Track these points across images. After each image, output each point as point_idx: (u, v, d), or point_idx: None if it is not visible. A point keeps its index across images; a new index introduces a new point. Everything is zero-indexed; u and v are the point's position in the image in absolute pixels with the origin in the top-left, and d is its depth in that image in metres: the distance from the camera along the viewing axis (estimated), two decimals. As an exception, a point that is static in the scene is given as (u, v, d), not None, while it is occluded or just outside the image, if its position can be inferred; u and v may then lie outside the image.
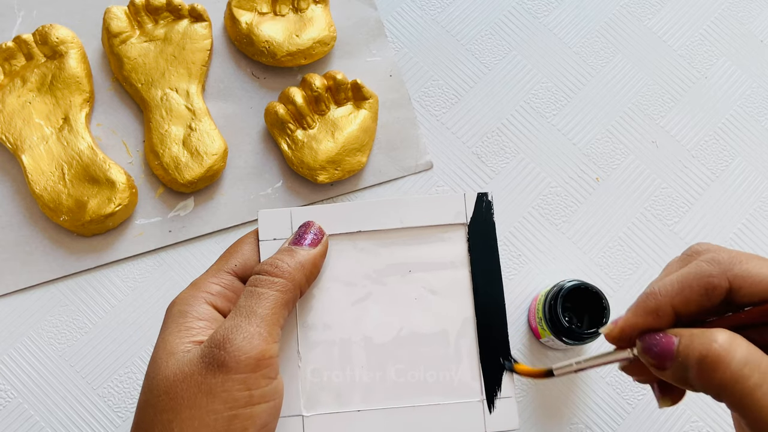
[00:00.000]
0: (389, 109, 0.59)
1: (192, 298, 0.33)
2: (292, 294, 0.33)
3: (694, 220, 0.58)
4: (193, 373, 0.30)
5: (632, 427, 0.54)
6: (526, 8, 0.63)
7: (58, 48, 0.57)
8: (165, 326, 0.33)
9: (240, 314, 0.32)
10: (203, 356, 0.31)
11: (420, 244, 0.36)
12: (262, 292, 0.32)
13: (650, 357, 0.29)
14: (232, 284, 0.35)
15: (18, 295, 0.54)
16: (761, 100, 0.61)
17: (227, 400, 0.30)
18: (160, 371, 0.31)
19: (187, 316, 0.33)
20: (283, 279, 0.33)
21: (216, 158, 0.55)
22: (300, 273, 0.34)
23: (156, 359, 0.32)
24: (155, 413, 0.31)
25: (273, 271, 0.33)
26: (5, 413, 0.52)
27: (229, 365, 0.30)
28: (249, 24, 0.58)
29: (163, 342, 0.32)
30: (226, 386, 0.30)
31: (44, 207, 0.54)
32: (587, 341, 0.50)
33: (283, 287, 0.33)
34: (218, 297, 0.34)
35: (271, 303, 0.32)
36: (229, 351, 0.30)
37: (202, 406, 0.30)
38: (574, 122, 0.60)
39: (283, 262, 0.33)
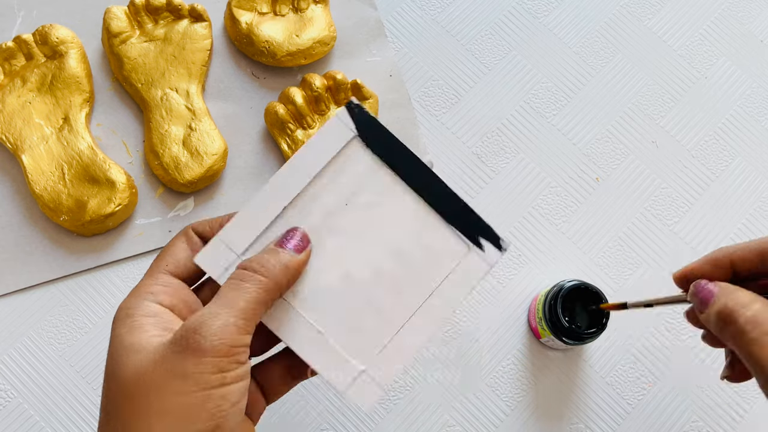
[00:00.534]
0: (389, 109, 0.59)
1: (134, 300, 0.34)
2: (273, 294, 0.34)
3: (694, 220, 0.58)
4: (163, 359, 0.31)
5: (632, 427, 0.54)
6: (526, 8, 0.63)
7: (58, 48, 0.57)
8: (115, 329, 0.33)
9: (220, 303, 0.32)
10: (174, 342, 0.31)
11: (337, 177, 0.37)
12: (246, 286, 0.33)
13: (695, 300, 0.36)
14: (170, 281, 0.35)
15: (18, 295, 0.54)
16: (761, 100, 0.61)
17: (200, 381, 0.30)
18: (125, 364, 0.31)
19: (134, 316, 0.33)
20: (268, 279, 0.33)
21: (216, 158, 0.55)
22: (284, 276, 0.34)
23: (115, 356, 0.32)
24: (123, 401, 0.31)
25: (259, 269, 0.34)
26: (5, 413, 0.52)
27: (203, 348, 0.31)
28: (249, 24, 0.58)
29: (118, 341, 0.33)
30: (200, 368, 0.30)
31: (44, 207, 0.54)
32: (587, 341, 0.50)
33: (266, 286, 0.33)
34: (160, 295, 0.34)
35: (253, 298, 0.33)
36: (204, 335, 0.31)
37: (175, 388, 0.30)
38: (574, 122, 0.60)
39: (269, 262, 0.34)
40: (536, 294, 0.55)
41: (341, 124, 0.38)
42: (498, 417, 0.53)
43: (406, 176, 0.38)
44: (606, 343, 0.55)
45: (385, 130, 0.38)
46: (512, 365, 0.55)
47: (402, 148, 0.38)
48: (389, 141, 0.38)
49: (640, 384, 0.54)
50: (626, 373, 0.55)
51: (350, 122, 0.38)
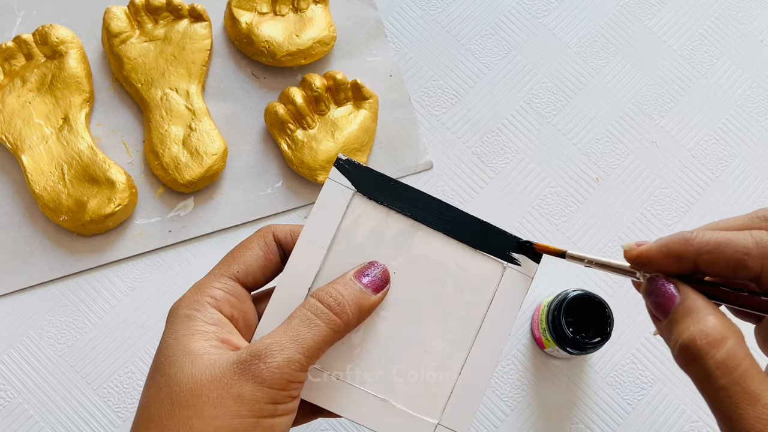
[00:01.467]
0: (389, 109, 0.59)
1: (197, 303, 0.34)
2: (342, 336, 0.34)
3: (694, 220, 0.58)
4: (223, 375, 0.31)
5: (632, 427, 0.54)
6: (526, 8, 0.63)
7: (58, 48, 0.57)
8: (173, 328, 0.33)
9: (289, 336, 0.32)
10: (238, 362, 0.31)
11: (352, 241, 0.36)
12: (317, 323, 0.33)
13: (650, 302, 0.30)
14: (235, 290, 0.35)
15: (18, 295, 0.54)
16: (761, 100, 0.61)
17: (254, 409, 0.31)
18: (184, 370, 0.32)
19: (196, 320, 0.33)
20: (341, 321, 0.33)
21: (216, 158, 0.55)
22: (357, 318, 0.34)
23: (172, 358, 0.32)
24: (174, 407, 0.31)
25: (335, 308, 0.33)
26: (5, 413, 0.52)
27: (263, 377, 0.31)
28: (249, 24, 0.58)
29: (178, 343, 0.33)
30: (256, 396, 0.31)
31: (44, 207, 0.54)
32: (591, 351, 0.50)
33: (338, 328, 0.33)
34: (222, 302, 0.34)
35: (323, 338, 0.33)
36: (268, 365, 0.31)
37: (227, 408, 0.31)
38: (574, 122, 0.60)
39: (345, 300, 0.34)
40: (539, 303, 0.55)
41: (337, 185, 0.36)
42: (498, 417, 0.53)
43: (416, 215, 0.37)
44: (606, 343, 0.55)
45: (381, 175, 0.37)
46: (512, 365, 0.55)
47: (404, 188, 0.36)
48: (388, 185, 0.37)
49: (640, 384, 0.54)
50: (626, 374, 0.55)
51: (344, 180, 0.37)
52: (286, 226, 0.37)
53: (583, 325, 0.50)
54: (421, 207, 0.37)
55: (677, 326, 0.29)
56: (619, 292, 0.56)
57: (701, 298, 0.29)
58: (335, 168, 0.36)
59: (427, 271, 0.36)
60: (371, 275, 0.35)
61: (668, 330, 0.29)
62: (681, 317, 0.29)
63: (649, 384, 0.55)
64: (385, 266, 0.36)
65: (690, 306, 0.29)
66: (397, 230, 0.37)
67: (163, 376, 0.32)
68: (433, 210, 0.37)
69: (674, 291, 0.29)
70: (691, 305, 0.29)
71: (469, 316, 0.36)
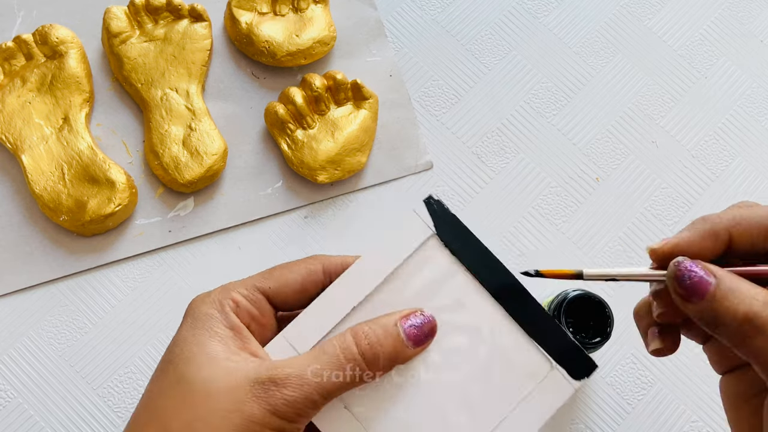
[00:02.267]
0: (389, 109, 0.59)
1: (219, 303, 0.33)
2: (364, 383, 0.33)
3: (694, 220, 0.58)
4: (238, 389, 0.31)
5: (632, 427, 0.54)
6: (526, 8, 0.63)
7: (58, 48, 0.57)
8: (193, 323, 0.33)
9: (312, 371, 0.31)
10: (257, 382, 0.31)
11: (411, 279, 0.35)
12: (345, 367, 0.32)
13: (679, 285, 0.28)
14: (260, 303, 0.34)
15: (18, 295, 0.54)
16: (761, 100, 0.61)
17: None
18: (199, 370, 0.31)
19: (215, 320, 0.33)
20: (370, 371, 0.32)
21: (216, 158, 0.55)
22: (386, 369, 0.33)
23: (189, 355, 0.32)
24: (182, 407, 0.31)
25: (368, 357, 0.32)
26: (5, 413, 0.52)
27: (278, 408, 0.30)
28: (249, 24, 0.58)
29: (196, 340, 0.32)
30: (265, 422, 0.30)
31: (44, 207, 0.54)
32: (591, 351, 0.50)
33: (364, 376, 0.32)
34: (242, 311, 0.34)
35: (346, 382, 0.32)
36: (285, 396, 0.30)
37: (234, 424, 0.30)
38: (574, 122, 0.60)
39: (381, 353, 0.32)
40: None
41: (419, 221, 0.35)
42: (498, 417, 0.53)
43: (485, 281, 0.35)
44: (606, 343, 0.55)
45: (466, 228, 0.35)
46: (512, 365, 0.55)
47: (483, 249, 0.35)
48: (469, 241, 0.35)
49: (640, 384, 0.54)
50: (626, 373, 0.55)
51: (428, 219, 0.35)
52: (338, 258, 0.36)
53: (583, 325, 0.50)
54: (491, 272, 0.35)
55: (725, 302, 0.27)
56: (619, 292, 0.56)
57: (733, 273, 0.29)
58: (423, 204, 0.35)
59: (473, 342, 0.34)
60: (417, 326, 0.33)
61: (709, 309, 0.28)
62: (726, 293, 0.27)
63: (649, 384, 0.55)
64: (434, 320, 0.34)
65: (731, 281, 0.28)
66: (459, 289, 0.35)
67: (176, 371, 0.31)
68: (501, 280, 0.35)
69: (705, 272, 0.28)
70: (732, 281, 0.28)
71: (499, 399, 0.34)
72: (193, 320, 0.33)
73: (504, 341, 0.34)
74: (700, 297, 0.28)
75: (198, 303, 0.33)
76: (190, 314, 0.33)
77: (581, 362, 0.34)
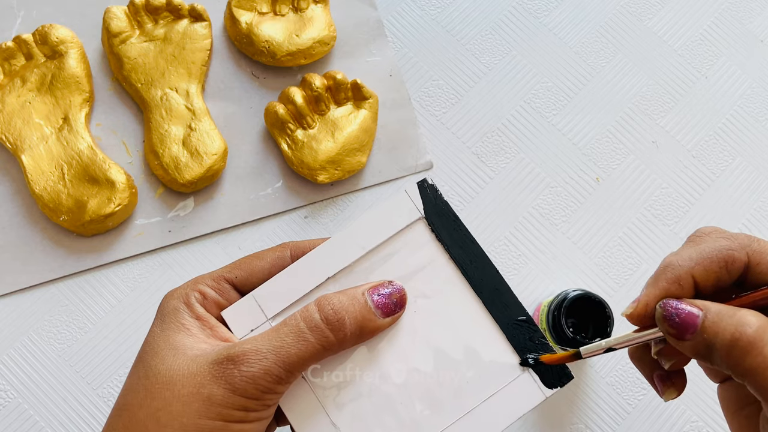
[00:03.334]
0: (389, 109, 0.59)
1: (186, 296, 0.33)
2: (334, 353, 0.32)
3: (694, 220, 0.58)
4: (198, 373, 0.30)
5: (632, 427, 0.54)
6: (526, 8, 0.63)
7: (57, 48, 0.57)
8: (161, 319, 0.33)
9: (273, 344, 0.31)
10: (215, 363, 0.30)
11: (392, 257, 0.34)
12: (307, 337, 0.31)
13: (670, 325, 0.29)
14: (228, 293, 0.34)
15: (18, 295, 0.54)
16: (761, 100, 0.61)
17: (222, 414, 0.30)
18: (163, 361, 0.31)
19: (182, 313, 0.33)
20: (335, 339, 0.31)
21: (216, 158, 0.55)
22: (355, 338, 0.32)
23: (155, 349, 0.32)
24: (147, 397, 0.31)
25: (332, 322, 0.31)
26: (5, 413, 0.52)
27: (236, 385, 0.30)
28: (249, 24, 0.58)
29: (162, 334, 0.32)
30: (226, 401, 0.30)
31: (44, 207, 0.54)
32: None
33: (329, 346, 0.31)
34: (210, 302, 0.34)
35: (309, 353, 0.31)
36: (243, 372, 0.30)
37: (195, 407, 0.30)
38: (574, 122, 0.60)
39: (347, 319, 0.31)
40: (539, 303, 0.55)
41: (409, 201, 0.34)
42: (498, 417, 0.53)
43: (468, 273, 0.34)
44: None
45: (456, 217, 0.34)
46: (512, 365, 0.55)
47: (470, 240, 0.34)
48: (457, 230, 0.34)
49: (640, 384, 0.54)
50: (626, 374, 0.55)
51: (419, 201, 0.34)
52: (306, 242, 0.35)
53: (583, 325, 0.50)
54: (475, 265, 0.34)
55: (714, 329, 0.28)
56: (619, 292, 0.56)
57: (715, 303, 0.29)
58: (416, 186, 0.34)
59: (446, 328, 0.34)
60: (386, 296, 0.33)
61: (702, 341, 0.28)
62: (714, 322, 0.28)
63: (649, 384, 0.54)
64: (403, 290, 0.33)
65: (718, 309, 0.28)
66: (440, 274, 0.34)
67: (144, 366, 0.32)
68: (485, 275, 0.34)
69: (690, 306, 0.29)
70: (717, 308, 0.28)
71: (465, 394, 0.33)
72: (161, 315, 0.33)
73: (478, 336, 0.34)
74: (692, 332, 0.28)
75: (166, 299, 0.33)
76: (159, 311, 0.33)
77: (557, 371, 0.33)
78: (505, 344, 0.34)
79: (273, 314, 0.33)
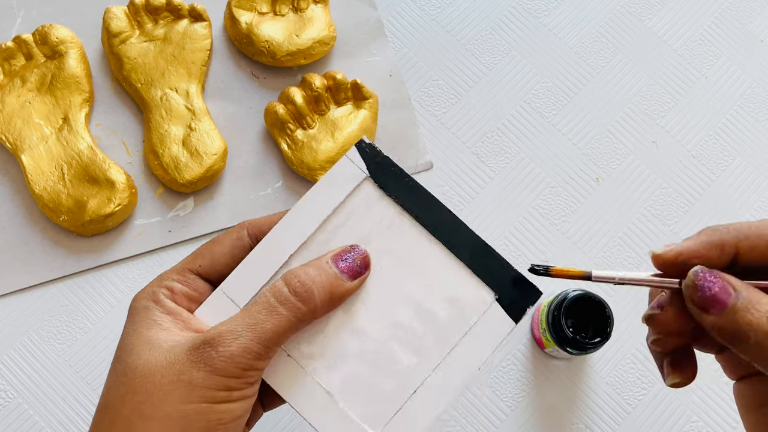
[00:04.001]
0: (389, 109, 0.59)
1: (154, 294, 0.33)
2: (308, 323, 0.32)
3: (694, 220, 0.58)
4: (176, 362, 0.30)
5: (632, 427, 0.54)
6: (526, 8, 0.63)
7: (57, 48, 0.57)
8: (132, 320, 0.33)
9: (246, 323, 0.31)
10: (191, 349, 0.31)
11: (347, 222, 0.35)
12: (279, 310, 0.31)
13: (699, 296, 0.28)
14: (195, 283, 0.34)
15: (18, 295, 0.54)
16: (761, 100, 0.61)
17: (205, 396, 0.30)
18: (139, 357, 0.31)
19: (152, 311, 0.33)
20: (306, 309, 0.32)
21: (216, 158, 0.55)
22: (326, 306, 0.32)
23: (130, 347, 0.32)
24: (127, 393, 0.31)
25: (302, 294, 0.32)
26: (5, 413, 0.52)
27: (216, 366, 0.30)
28: (249, 24, 0.58)
29: (135, 333, 0.32)
30: (208, 383, 0.30)
31: (44, 207, 0.54)
32: (591, 351, 0.50)
33: (303, 316, 0.32)
34: (179, 295, 0.34)
35: (283, 325, 0.31)
36: (221, 353, 0.30)
37: (177, 394, 0.30)
38: (574, 122, 0.60)
39: (314, 284, 0.32)
40: (539, 303, 0.55)
41: (351, 164, 0.35)
42: (498, 417, 0.53)
43: (423, 220, 0.35)
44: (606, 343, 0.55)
45: (400, 169, 0.35)
46: (512, 366, 0.55)
47: (418, 188, 0.35)
48: (404, 181, 0.35)
49: (640, 384, 0.54)
50: (626, 374, 0.55)
51: (361, 162, 0.35)
52: (263, 218, 0.35)
53: (583, 325, 0.50)
54: (429, 211, 0.34)
55: (747, 316, 0.27)
56: (619, 292, 0.56)
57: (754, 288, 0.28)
58: (355, 148, 0.35)
59: (414, 278, 0.34)
60: (349, 260, 0.33)
61: (730, 322, 0.27)
62: (746, 306, 0.27)
63: (649, 384, 0.55)
64: (366, 252, 0.34)
65: (751, 294, 0.27)
66: (397, 227, 0.35)
67: (121, 364, 0.32)
68: (440, 218, 0.35)
69: (725, 283, 0.27)
70: (751, 294, 0.27)
71: (445, 336, 0.34)
72: (131, 316, 0.33)
73: (446, 277, 0.34)
74: (719, 309, 0.27)
75: (134, 300, 0.34)
76: (129, 312, 0.34)
77: (526, 290, 0.34)
78: (472, 279, 0.34)
79: (245, 303, 0.34)
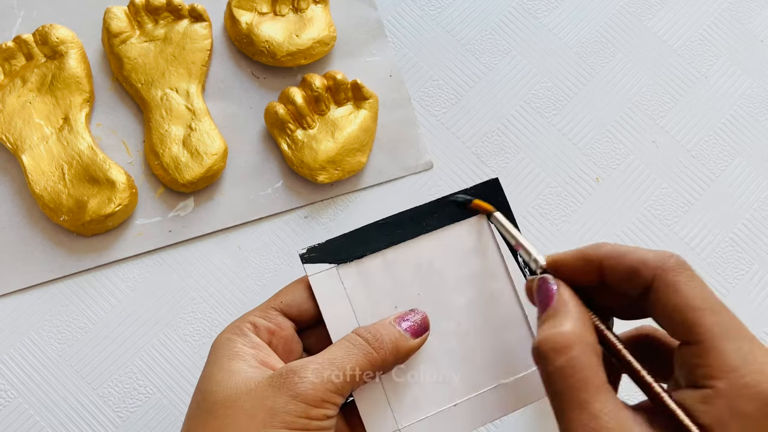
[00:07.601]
0: (389, 109, 0.59)
1: (237, 328, 0.35)
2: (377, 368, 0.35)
3: (694, 220, 0.58)
4: (258, 388, 0.32)
5: (632, 427, 0.54)
6: (526, 8, 0.63)
7: (58, 48, 0.57)
8: (215, 352, 0.35)
9: (326, 358, 0.33)
10: (275, 376, 0.32)
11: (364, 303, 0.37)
12: (354, 352, 0.34)
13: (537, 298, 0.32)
14: (276, 319, 0.36)
15: (18, 295, 0.54)
16: (761, 100, 0.61)
17: (286, 421, 0.31)
18: (219, 384, 0.33)
19: (235, 343, 0.34)
20: (378, 355, 0.34)
21: (216, 158, 0.55)
22: (392, 356, 0.35)
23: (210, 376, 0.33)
24: (209, 418, 0.32)
25: (373, 342, 0.34)
26: (5, 413, 0.52)
27: (298, 391, 0.32)
28: (249, 24, 0.58)
29: (217, 363, 0.34)
30: (289, 408, 0.31)
31: (44, 207, 0.54)
32: None
33: (374, 360, 0.34)
34: (261, 329, 0.36)
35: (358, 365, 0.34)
36: (303, 379, 0.32)
37: (260, 418, 0.31)
38: (574, 122, 0.60)
39: (382, 337, 0.35)
40: None
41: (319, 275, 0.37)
42: (498, 417, 0.53)
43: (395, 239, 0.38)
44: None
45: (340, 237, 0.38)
46: (512, 365, 0.55)
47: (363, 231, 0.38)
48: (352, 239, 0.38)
49: (640, 384, 0.54)
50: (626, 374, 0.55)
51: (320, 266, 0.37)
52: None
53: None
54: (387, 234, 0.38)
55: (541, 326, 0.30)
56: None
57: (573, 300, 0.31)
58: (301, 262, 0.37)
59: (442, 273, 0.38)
60: (411, 320, 0.36)
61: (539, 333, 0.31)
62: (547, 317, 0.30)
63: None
64: (425, 314, 0.37)
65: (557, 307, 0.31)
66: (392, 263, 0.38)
67: (202, 393, 0.33)
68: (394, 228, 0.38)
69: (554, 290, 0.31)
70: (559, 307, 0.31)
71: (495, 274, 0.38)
72: (214, 350, 0.35)
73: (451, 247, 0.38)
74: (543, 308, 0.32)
75: (219, 335, 0.36)
76: (213, 346, 0.35)
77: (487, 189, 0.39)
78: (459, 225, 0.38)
79: None
